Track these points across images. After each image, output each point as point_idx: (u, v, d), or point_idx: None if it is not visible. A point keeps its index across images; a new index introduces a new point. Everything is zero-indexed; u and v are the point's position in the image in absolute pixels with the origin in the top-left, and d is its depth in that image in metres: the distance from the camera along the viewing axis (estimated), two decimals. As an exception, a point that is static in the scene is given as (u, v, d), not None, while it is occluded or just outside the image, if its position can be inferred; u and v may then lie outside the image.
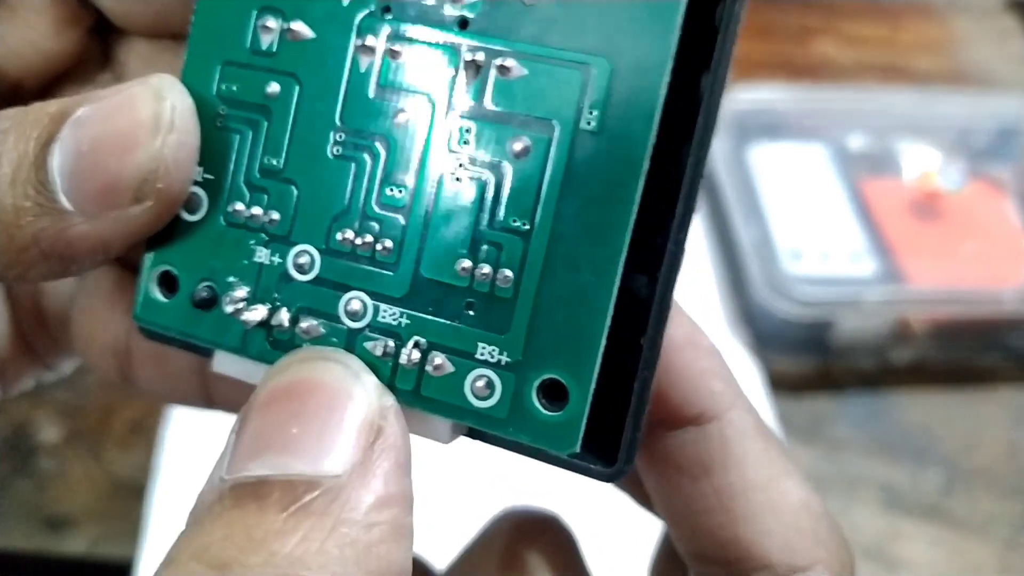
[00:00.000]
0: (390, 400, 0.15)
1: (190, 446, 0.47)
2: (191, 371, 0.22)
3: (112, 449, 0.48)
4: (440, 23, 0.16)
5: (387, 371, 0.16)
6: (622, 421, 0.15)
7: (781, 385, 0.54)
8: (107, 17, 0.20)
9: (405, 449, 0.15)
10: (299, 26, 0.16)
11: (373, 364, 0.16)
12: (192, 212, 0.17)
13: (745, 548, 0.17)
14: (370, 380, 0.15)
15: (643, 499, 0.22)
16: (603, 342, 0.15)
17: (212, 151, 0.17)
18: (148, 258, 0.17)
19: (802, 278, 0.53)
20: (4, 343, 0.21)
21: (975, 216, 0.59)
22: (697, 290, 0.57)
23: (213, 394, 0.22)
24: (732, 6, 0.14)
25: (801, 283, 0.52)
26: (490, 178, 0.15)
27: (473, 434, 0.16)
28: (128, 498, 0.46)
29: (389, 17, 0.16)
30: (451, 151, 0.16)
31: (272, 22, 0.16)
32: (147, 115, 0.16)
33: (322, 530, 0.13)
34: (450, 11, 0.16)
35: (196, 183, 0.17)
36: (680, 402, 0.18)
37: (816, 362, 0.55)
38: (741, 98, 0.62)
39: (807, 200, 0.59)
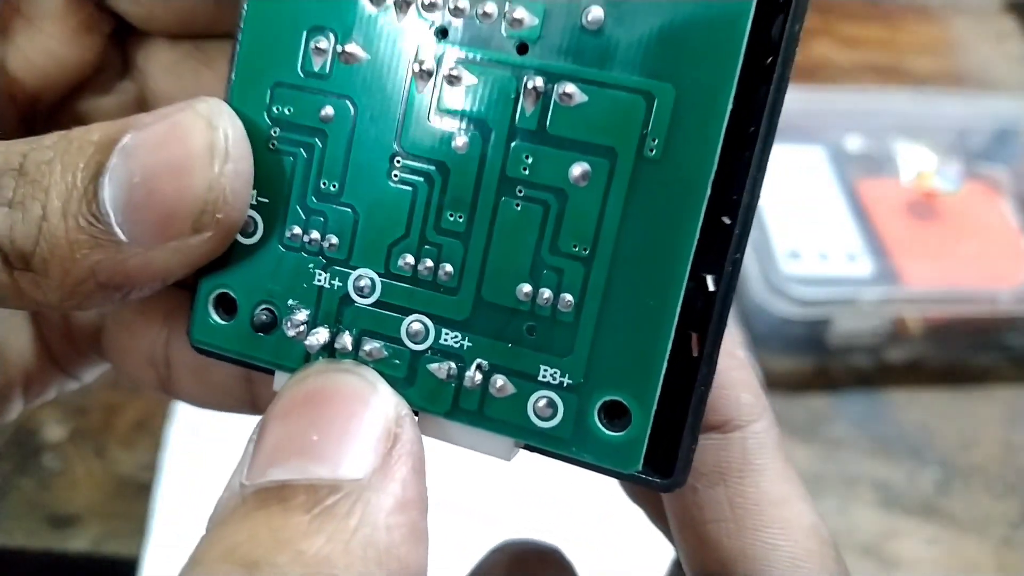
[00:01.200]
0: (405, 408, 0.16)
1: (195, 444, 0.47)
2: (235, 380, 0.21)
3: (116, 447, 0.48)
4: (499, 47, 0.15)
5: (450, 392, 0.16)
6: (674, 431, 0.16)
7: (778, 384, 0.54)
8: (127, 21, 0.19)
9: (421, 455, 0.15)
10: (353, 48, 0.16)
11: (437, 385, 0.16)
12: (247, 236, 0.17)
13: (751, 562, 0.17)
14: (385, 389, 0.16)
15: (657, 513, 0.22)
16: (664, 365, 0.15)
17: (265, 174, 0.16)
18: (203, 281, 0.17)
19: (799, 278, 0.53)
20: (28, 357, 0.21)
21: (971, 217, 0.59)
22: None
23: (259, 400, 0.22)
24: (792, 29, 0.15)
25: (798, 283, 0.53)
26: (550, 204, 0.15)
27: (531, 448, 0.17)
28: (132, 496, 0.46)
29: (446, 40, 0.16)
30: (510, 177, 0.16)
31: (324, 43, 0.16)
32: (201, 144, 0.15)
33: (346, 531, 0.13)
34: (508, 35, 0.15)
35: (251, 206, 0.17)
36: (709, 408, 0.18)
37: (813, 361, 0.56)
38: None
39: (805, 201, 0.59)
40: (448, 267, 0.16)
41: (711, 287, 0.15)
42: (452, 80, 0.16)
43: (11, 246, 0.15)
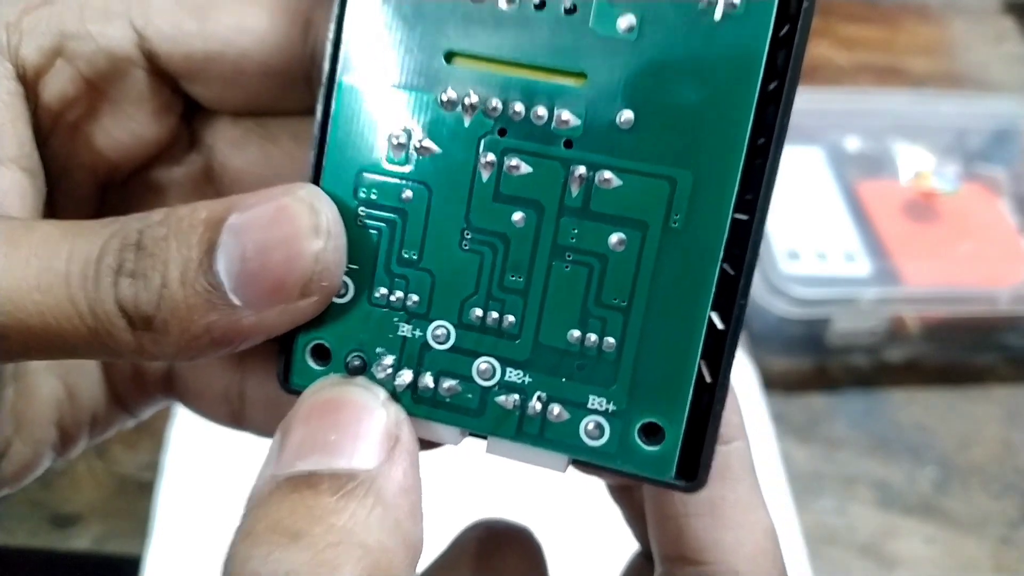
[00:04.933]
0: (403, 415, 0.19)
1: (196, 445, 0.48)
2: None
3: (117, 447, 0.49)
4: (549, 143, 0.19)
5: (515, 419, 0.20)
6: (694, 443, 0.19)
7: (777, 384, 0.55)
8: (196, 101, 0.22)
9: (416, 454, 0.18)
10: (428, 143, 0.19)
11: (503, 414, 0.20)
12: (339, 296, 0.20)
13: (722, 553, 0.21)
14: (388, 400, 0.19)
15: (633, 515, 0.26)
16: (691, 392, 0.19)
17: (354, 245, 0.20)
18: (301, 335, 0.20)
19: (798, 278, 0.54)
20: (97, 401, 0.23)
21: (970, 217, 0.59)
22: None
23: None
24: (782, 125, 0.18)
25: (797, 283, 0.53)
26: (594, 266, 0.19)
27: (578, 464, 0.20)
28: (133, 496, 0.47)
29: (505, 137, 0.19)
30: (560, 245, 0.19)
31: (404, 139, 0.19)
32: (307, 224, 0.18)
33: (364, 508, 0.17)
34: (556, 133, 0.19)
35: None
36: None
37: (812, 361, 0.56)
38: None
39: (804, 201, 0.60)
40: (511, 317, 0.19)
41: (719, 324, 0.19)
42: (511, 169, 0.19)
43: (135, 311, 0.17)
